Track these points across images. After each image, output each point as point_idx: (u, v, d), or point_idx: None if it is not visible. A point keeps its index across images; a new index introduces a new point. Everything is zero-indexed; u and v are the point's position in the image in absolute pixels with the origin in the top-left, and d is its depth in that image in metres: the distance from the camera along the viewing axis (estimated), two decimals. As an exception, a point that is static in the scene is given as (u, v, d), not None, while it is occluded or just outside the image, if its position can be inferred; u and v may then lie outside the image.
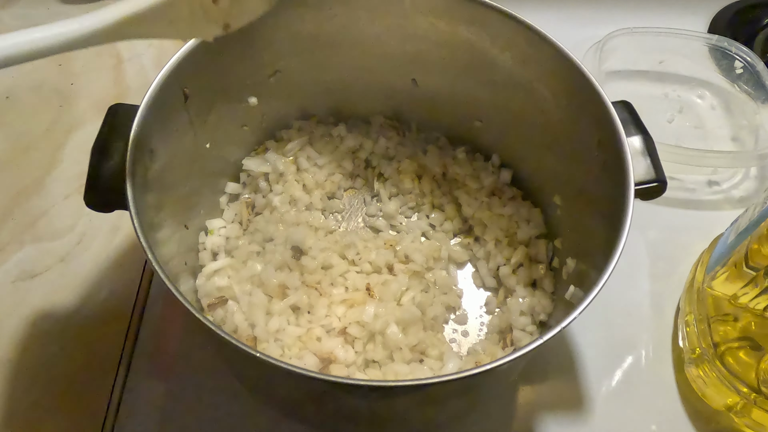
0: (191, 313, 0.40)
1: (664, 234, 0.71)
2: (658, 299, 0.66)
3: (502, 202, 0.66)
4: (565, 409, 0.59)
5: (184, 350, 0.61)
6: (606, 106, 0.50)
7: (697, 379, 0.59)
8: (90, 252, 0.65)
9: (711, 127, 0.80)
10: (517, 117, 0.62)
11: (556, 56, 0.53)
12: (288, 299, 0.59)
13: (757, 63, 0.79)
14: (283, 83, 0.63)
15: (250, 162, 0.66)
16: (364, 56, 0.63)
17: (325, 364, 0.54)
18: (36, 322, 0.61)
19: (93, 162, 0.47)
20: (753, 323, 0.54)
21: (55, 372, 0.58)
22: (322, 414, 0.54)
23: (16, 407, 0.56)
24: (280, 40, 0.58)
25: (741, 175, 0.76)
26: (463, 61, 0.61)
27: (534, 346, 0.40)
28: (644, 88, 0.83)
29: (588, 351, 0.62)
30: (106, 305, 0.62)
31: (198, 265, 0.60)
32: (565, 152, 0.57)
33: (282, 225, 0.63)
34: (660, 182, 0.50)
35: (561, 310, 0.57)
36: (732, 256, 0.55)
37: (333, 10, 0.58)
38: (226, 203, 0.65)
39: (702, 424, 0.59)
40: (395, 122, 0.70)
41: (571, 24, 0.87)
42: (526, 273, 0.62)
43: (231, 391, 0.58)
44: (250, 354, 0.39)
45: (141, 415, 0.57)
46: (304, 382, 0.43)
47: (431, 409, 0.50)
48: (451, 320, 0.61)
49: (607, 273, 0.43)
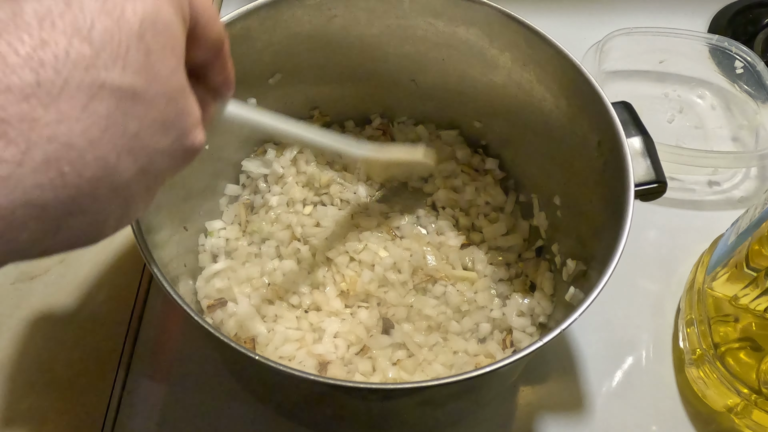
0: (190, 316, 0.40)
1: (664, 234, 0.71)
2: (659, 300, 0.66)
3: (495, 208, 0.66)
4: (565, 410, 0.59)
5: (184, 351, 0.61)
6: (606, 106, 0.50)
7: (697, 380, 0.59)
8: (89, 253, 0.65)
9: (711, 127, 0.80)
10: (516, 118, 0.62)
11: (555, 57, 0.53)
12: (287, 301, 0.59)
13: (757, 63, 0.79)
14: (283, 84, 0.63)
15: (250, 163, 0.66)
16: (363, 57, 0.63)
17: (324, 366, 0.54)
18: (35, 324, 0.60)
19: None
20: (754, 324, 0.54)
21: (55, 373, 0.58)
22: (321, 416, 0.54)
23: (15, 408, 0.56)
24: (280, 41, 0.58)
25: (741, 176, 0.76)
26: (462, 61, 0.61)
27: (534, 348, 0.40)
28: (644, 88, 0.83)
29: (588, 352, 0.62)
30: (106, 306, 0.62)
31: (198, 266, 0.60)
32: (565, 153, 0.57)
33: (278, 225, 0.63)
34: (660, 183, 0.50)
35: (561, 311, 0.57)
36: (732, 256, 0.55)
37: (332, 11, 0.58)
38: (225, 205, 0.65)
39: (702, 425, 0.59)
40: (389, 125, 0.70)
41: (571, 24, 0.87)
42: (522, 282, 0.62)
43: (230, 393, 0.58)
44: (249, 356, 0.39)
45: (141, 415, 0.57)
46: (303, 385, 0.42)
47: (431, 411, 0.50)
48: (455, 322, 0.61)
49: (607, 274, 0.42)
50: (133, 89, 0.25)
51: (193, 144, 0.29)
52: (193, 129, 0.29)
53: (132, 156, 0.25)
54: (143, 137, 0.26)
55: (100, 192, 0.25)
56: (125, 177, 0.25)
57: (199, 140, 0.30)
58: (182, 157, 0.29)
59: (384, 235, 0.63)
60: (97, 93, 0.23)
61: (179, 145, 0.28)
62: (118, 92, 0.24)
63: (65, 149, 0.23)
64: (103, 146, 0.24)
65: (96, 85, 0.23)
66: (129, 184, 0.26)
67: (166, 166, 0.28)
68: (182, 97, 0.28)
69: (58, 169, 0.23)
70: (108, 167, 0.24)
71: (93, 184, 0.24)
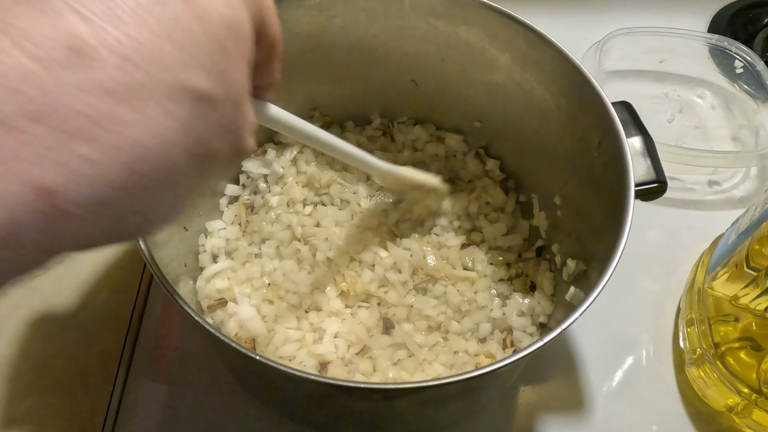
0: (190, 316, 0.40)
1: (665, 234, 0.71)
2: (659, 300, 0.66)
3: (497, 210, 0.66)
4: (566, 409, 0.59)
5: (184, 351, 0.61)
6: (606, 106, 0.50)
7: (697, 379, 0.59)
8: (89, 254, 0.65)
9: (711, 127, 0.80)
10: (516, 118, 0.62)
11: (555, 57, 0.53)
12: (287, 301, 0.59)
13: (757, 63, 0.79)
14: (283, 84, 0.62)
15: (250, 163, 0.66)
16: (363, 57, 0.63)
17: (324, 367, 0.54)
18: (35, 324, 0.60)
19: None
20: (754, 324, 0.54)
21: (55, 373, 0.58)
22: (321, 416, 0.54)
23: (15, 409, 0.56)
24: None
25: (741, 175, 0.76)
26: (462, 62, 0.61)
27: (534, 348, 0.40)
28: (644, 88, 0.83)
29: (588, 351, 0.62)
30: (106, 307, 0.62)
31: (198, 266, 0.60)
32: (565, 153, 0.57)
33: (279, 225, 0.63)
34: (660, 183, 0.50)
35: (561, 311, 0.57)
36: (733, 256, 0.55)
37: (332, 11, 0.58)
38: (225, 205, 0.65)
39: (703, 424, 0.59)
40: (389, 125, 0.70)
41: (571, 24, 0.87)
42: (522, 282, 0.62)
43: (231, 393, 0.58)
44: (250, 356, 0.39)
45: (141, 416, 0.57)
46: (303, 385, 0.42)
47: (431, 411, 0.50)
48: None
49: (607, 274, 0.42)
50: (211, 94, 0.24)
51: (247, 147, 0.29)
52: (248, 134, 0.28)
53: (195, 159, 0.25)
54: (208, 141, 0.25)
55: (160, 193, 0.24)
56: (186, 178, 0.25)
57: (251, 144, 0.29)
58: (233, 161, 0.29)
59: (384, 235, 0.63)
60: (179, 96, 0.23)
61: (234, 150, 0.28)
62: (198, 96, 0.24)
63: (141, 151, 0.22)
64: (174, 149, 0.24)
65: (178, 87, 0.23)
66: (186, 185, 0.26)
67: (220, 169, 0.28)
68: (244, 102, 0.27)
69: (131, 169, 0.22)
70: (173, 170, 0.24)
71: (157, 186, 0.24)
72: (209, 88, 0.24)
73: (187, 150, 0.24)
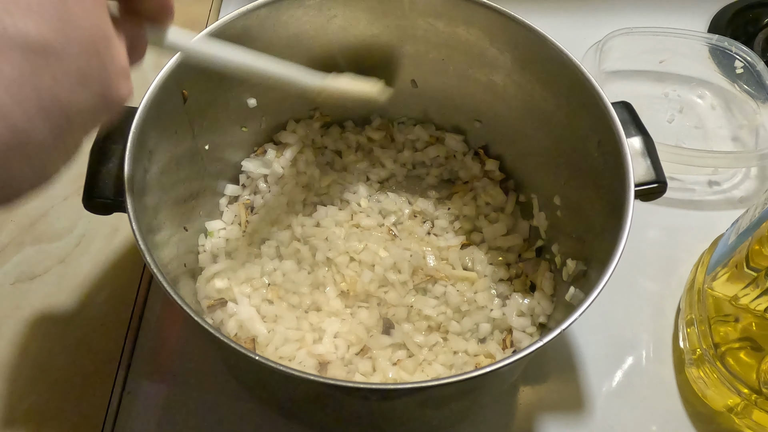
0: (190, 316, 0.40)
1: (664, 234, 0.71)
2: (659, 300, 0.66)
3: (496, 210, 0.66)
4: (566, 409, 0.59)
5: (184, 351, 0.61)
6: (606, 106, 0.50)
7: (697, 380, 0.59)
8: (89, 253, 0.65)
9: (711, 127, 0.80)
10: (516, 118, 0.62)
11: (555, 57, 0.53)
12: (287, 301, 0.59)
13: (757, 63, 0.79)
14: (282, 85, 0.63)
15: (250, 163, 0.66)
16: (363, 57, 0.63)
17: (324, 367, 0.54)
18: (35, 324, 0.60)
19: (91, 164, 0.47)
20: (754, 324, 0.54)
21: (55, 373, 0.58)
22: (321, 416, 0.54)
23: (15, 409, 0.56)
24: (280, 41, 0.58)
25: (741, 175, 0.76)
26: (462, 62, 0.61)
27: (534, 348, 0.40)
28: (644, 88, 0.83)
29: (588, 352, 0.62)
30: (106, 307, 0.62)
31: (198, 267, 0.60)
32: (565, 153, 0.57)
33: (278, 225, 0.63)
34: (660, 183, 0.50)
35: (561, 311, 0.57)
36: (733, 256, 0.55)
37: (332, 11, 0.58)
38: (225, 205, 0.65)
39: (703, 425, 0.59)
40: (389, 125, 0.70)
41: (571, 24, 0.87)
42: (522, 282, 0.62)
43: (230, 393, 0.58)
44: (249, 357, 0.39)
45: (141, 416, 0.57)
46: (303, 385, 0.42)
47: (431, 411, 0.50)
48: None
49: (607, 274, 0.42)
50: (47, 42, 0.21)
51: (119, 95, 0.26)
52: (118, 79, 0.26)
53: (46, 117, 0.23)
54: (58, 95, 0.23)
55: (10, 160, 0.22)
56: (38, 140, 0.23)
57: (125, 90, 0.26)
58: (105, 110, 0.26)
59: (384, 235, 0.63)
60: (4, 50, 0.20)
61: (101, 98, 0.25)
62: (29, 47, 0.21)
63: None
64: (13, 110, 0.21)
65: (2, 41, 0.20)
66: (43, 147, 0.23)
67: (86, 122, 0.25)
68: (105, 45, 0.24)
69: None
70: (18, 132, 0.22)
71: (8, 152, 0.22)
72: (44, 37, 0.21)
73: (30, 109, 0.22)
